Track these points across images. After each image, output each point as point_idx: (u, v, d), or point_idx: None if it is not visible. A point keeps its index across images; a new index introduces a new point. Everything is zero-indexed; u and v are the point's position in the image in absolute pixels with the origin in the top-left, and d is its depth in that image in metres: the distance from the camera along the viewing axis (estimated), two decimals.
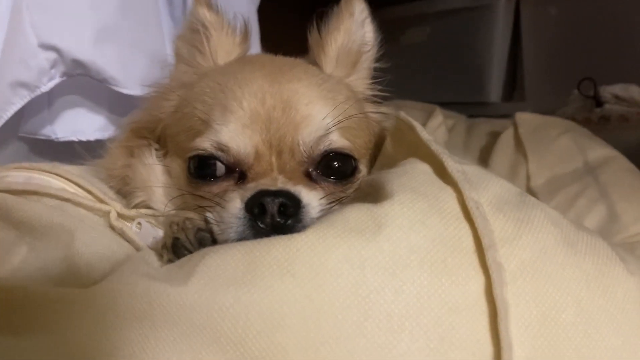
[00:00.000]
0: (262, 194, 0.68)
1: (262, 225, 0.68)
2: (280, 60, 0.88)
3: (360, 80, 0.93)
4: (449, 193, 0.66)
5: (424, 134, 0.76)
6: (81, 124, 1.25)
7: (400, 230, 0.60)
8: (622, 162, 1.48)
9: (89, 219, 0.82)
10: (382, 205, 0.63)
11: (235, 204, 0.70)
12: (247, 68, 0.81)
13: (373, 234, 0.60)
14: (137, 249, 0.81)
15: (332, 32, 0.90)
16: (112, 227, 0.82)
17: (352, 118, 0.80)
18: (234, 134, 0.74)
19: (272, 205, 0.67)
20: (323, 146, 0.77)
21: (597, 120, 2.08)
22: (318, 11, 0.91)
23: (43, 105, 1.21)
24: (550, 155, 1.52)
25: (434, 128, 1.70)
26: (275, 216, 0.67)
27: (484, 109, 2.70)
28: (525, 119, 1.62)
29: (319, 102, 0.78)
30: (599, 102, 2.09)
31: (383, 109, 0.93)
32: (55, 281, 0.74)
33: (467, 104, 2.72)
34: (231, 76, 0.80)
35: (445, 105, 2.63)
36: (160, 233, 0.82)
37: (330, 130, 0.77)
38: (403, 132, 0.81)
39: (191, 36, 0.92)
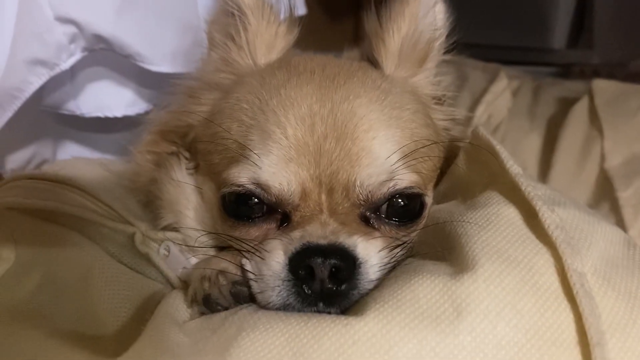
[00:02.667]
0: (311, 252, 0.56)
1: (309, 292, 0.56)
2: (333, 66, 0.71)
3: (428, 79, 0.77)
4: (545, 259, 0.52)
5: (510, 163, 0.61)
6: (107, 98, 1.13)
7: (486, 319, 0.48)
8: None
9: (112, 241, 0.72)
10: (462, 280, 0.50)
11: (277, 257, 0.58)
12: (293, 80, 0.66)
13: (451, 323, 0.48)
14: (166, 277, 0.72)
15: (395, 18, 0.73)
16: (137, 251, 0.72)
17: (420, 140, 0.65)
18: (276, 169, 0.61)
19: (323, 269, 0.55)
20: (387, 189, 0.63)
21: None
22: None
23: (65, 78, 1.10)
24: (629, 131, 1.34)
25: (497, 93, 1.52)
26: (325, 282, 0.55)
27: (545, 56, 2.48)
28: (603, 87, 1.43)
29: (381, 128, 0.63)
30: None
31: (454, 113, 0.77)
32: (71, 321, 0.65)
33: (527, 49, 2.50)
34: (274, 91, 0.66)
35: (502, 49, 2.40)
36: (192, 260, 0.72)
37: (396, 170, 0.63)
38: (480, 152, 0.67)
39: (226, 21, 0.77)
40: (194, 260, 0.72)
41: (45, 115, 1.20)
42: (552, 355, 0.48)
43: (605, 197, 1.26)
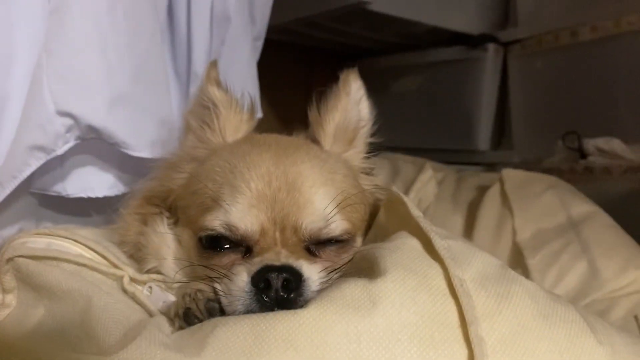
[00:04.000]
0: (267, 270, 0.75)
1: (266, 299, 0.74)
2: (285, 141, 0.97)
3: (356, 155, 1.01)
4: (436, 270, 0.73)
5: (413, 209, 0.83)
6: (91, 181, 1.30)
7: (393, 307, 0.67)
8: (604, 218, 1.55)
9: (104, 283, 0.88)
10: (377, 282, 0.70)
11: (242, 277, 0.77)
12: (255, 150, 0.89)
13: (368, 310, 0.67)
14: (148, 312, 0.87)
15: (330, 111, 0.99)
16: (124, 291, 0.88)
17: (350, 197, 0.87)
18: (242, 214, 0.82)
19: (277, 281, 0.74)
20: (324, 234, 0.85)
21: (581, 171, 2.16)
22: (317, 90, 1.00)
23: (55, 163, 1.27)
24: (535, 211, 1.59)
25: (425, 182, 1.78)
26: (279, 291, 0.74)
27: (472, 157, 2.77)
28: (511, 174, 1.70)
29: (320, 185, 0.86)
30: (583, 154, 2.17)
31: (377, 180, 1.01)
32: (71, 344, 0.79)
33: (456, 151, 2.80)
34: (240, 158, 0.88)
35: (435, 151, 2.71)
36: (170, 297, 0.89)
37: (331, 219, 0.84)
38: (395, 205, 0.89)
39: (201, 111, 1.00)
40: (172, 297, 0.88)
41: (30, 198, 1.37)
42: (441, 332, 0.67)
43: (518, 264, 1.48)
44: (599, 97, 2.27)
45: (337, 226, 0.85)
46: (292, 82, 2.70)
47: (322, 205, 0.85)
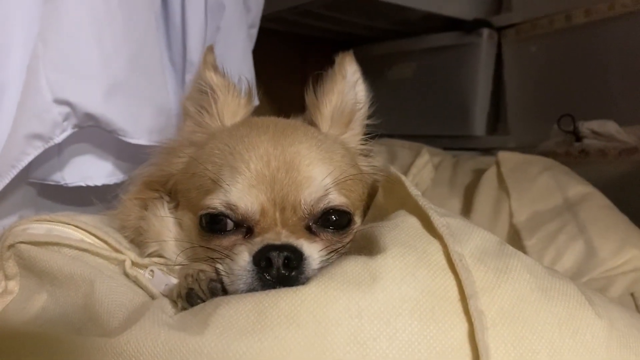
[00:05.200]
0: (269, 248, 0.76)
1: (268, 277, 0.75)
2: (283, 123, 0.97)
3: (354, 137, 1.02)
4: (435, 246, 0.74)
5: (412, 189, 0.84)
6: (90, 170, 1.31)
7: (393, 282, 0.68)
8: (600, 199, 1.56)
9: (106, 268, 0.89)
10: (376, 258, 0.71)
11: (243, 257, 0.77)
12: (254, 132, 0.90)
13: (369, 285, 0.68)
14: (151, 295, 0.88)
15: (327, 94, 1.00)
16: (126, 275, 0.89)
17: (348, 175, 0.88)
18: (242, 194, 0.82)
19: (278, 259, 0.75)
20: (323, 204, 0.85)
21: (577, 154, 2.17)
22: (314, 74, 1.00)
23: (53, 153, 1.28)
24: (531, 193, 1.60)
25: (421, 166, 1.79)
26: (280, 269, 0.75)
27: (469, 142, 2.78)
28: (507, 157, 1.71)
29: (318, 163, 0.87)
30: (578, 137, 2.18)
31: (374, 162, 1.01)
32: (75, 328, 0.80)
33: (453, 136, 2.81)
34: (239, 139, 0.88)
35: (431, 138, 2.72)
36: (172, 280, 0.89)
37: (329, 190, 0.85)
38: (393, 185, 0.90)
39: (199, 97, 1.01)
40: (174, 280, 0.89)
41: (29, 187, 1.37)
42: (441, 306, 0.68)
43: (515, 246, 1.46)
44: (594, 80, 2.27)
45: (335, 197, 0.86)
46: (287, 72, 2.70)
47: (320, 178, 0.86)
